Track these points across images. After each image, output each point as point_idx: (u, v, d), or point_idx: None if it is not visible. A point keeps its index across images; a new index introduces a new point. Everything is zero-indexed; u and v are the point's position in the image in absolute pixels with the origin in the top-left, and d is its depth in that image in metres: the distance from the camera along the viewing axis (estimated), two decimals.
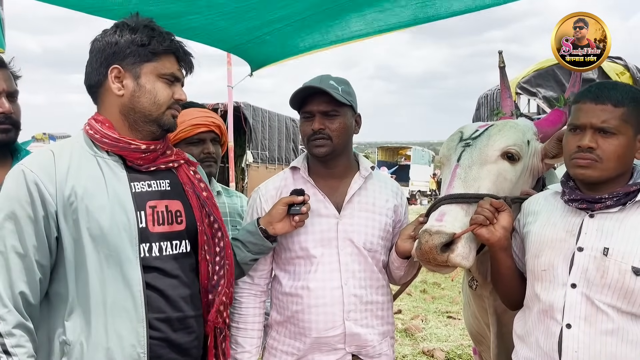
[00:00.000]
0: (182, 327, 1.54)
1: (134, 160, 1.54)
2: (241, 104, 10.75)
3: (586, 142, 1.47)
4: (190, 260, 1.61)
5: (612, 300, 1.44)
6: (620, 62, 8.42)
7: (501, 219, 1.61)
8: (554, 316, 1.51)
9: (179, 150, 1.70)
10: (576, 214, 1.55)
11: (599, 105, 1.48)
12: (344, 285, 1.82)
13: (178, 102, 1.60)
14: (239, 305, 1.90)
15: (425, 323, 5.63)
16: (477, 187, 1.74)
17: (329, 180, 1.91)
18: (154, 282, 1.50)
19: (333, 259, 1.83)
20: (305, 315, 1.82)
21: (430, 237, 1.59)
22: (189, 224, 1.60)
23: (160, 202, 1.55)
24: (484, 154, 1.80)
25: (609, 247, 1.45)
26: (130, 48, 1.52)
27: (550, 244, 1.56)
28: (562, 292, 1.50)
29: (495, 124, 1.90)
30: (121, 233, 1.46)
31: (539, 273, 1.57)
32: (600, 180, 1.50)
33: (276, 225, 1.80)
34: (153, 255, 1.52)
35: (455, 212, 1.66)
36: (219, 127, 2.19)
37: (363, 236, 1.85)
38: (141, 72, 1.54)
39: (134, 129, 1.56)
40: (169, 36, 1.58)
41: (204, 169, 2.09)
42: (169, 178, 1.61)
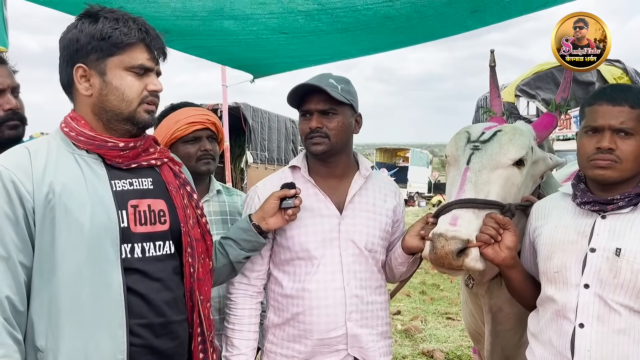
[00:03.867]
0: (165, 333, 1.46)
1: (113, 158, 1.46)
2: (241, 104, 10.75)
3: (606, 144, 1.48)
4: (174, 262, 1.52)
5: (624, 299, 1.45)
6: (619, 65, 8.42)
7: (505, 238, 1.61)
8: (567, 316, 1.51)
9: (163, 149, 1.62)
10: (588, 215, 1.56)
11: (616, 107, 1.49)
12: (345, 286, 1.80)
13: (153, 93, 1.49)
14: (235, 306, 1.87)
15: (425, 324, 5.63)
16: (487, 191, 1.73)
17: (329, 180, 1.89)
18: (135, 286, 1.42)
19: (335, 259, 1.81)
20: (307, 317, 1.79)
21: (447, 242, 1.59)
22: (173, 224, 1.52)
23: (142, 201, 1.47)
24: (496, 160, 1.78)
25: (622, 247, 1.46)
26: (92, 43, 1.41)
27: (562, 245, 1.56)
28: (575, 292, 1.51)
29: (504, 130, 1.87)
30: (101, 233, 1.37)
31: (552, 275, 1.57)
32: (619, 181, 1.51)
33: (269, 220, 1.75)
34: (135, 256, 1.43)
35: (468, 217, 1.66)
36: (215, 124, 2.15)
37: (365, 237, 1.84)
38: (106, 67, 1.42)
39: (109, 127, 1.47)
40: (135, 24, 1.45)
41: (202, 167, 2.07)
42: (151, 176, 1.53)
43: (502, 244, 1.61)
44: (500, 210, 1.70)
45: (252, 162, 11.19)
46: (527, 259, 1.77)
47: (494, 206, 1.70)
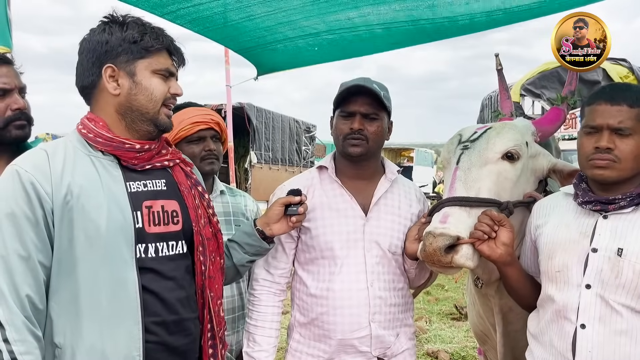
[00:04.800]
0: (178, 330, 1.50)
1: (129, 159, 1.50)
2: (245, 104, 10.75)
3: (604, 143, 1.48)
4: (186, 262, 1.57)
5: (626, 300, 1.45)
6: (624, 64, 8.39)
7: (501, 234, 1.61)
8: (568, 316, 1.51)
9: (175, 150, 1.66)
10: (589, 215, 1.55)
11: (614, 106, 1.49)
12: (369, 287, 1.80)
13: (174, 97, 1.57)
14: (258, 302, 1.89)
15: (430, 325, 5.62)
16: (477, 188, 1.74)
17: (356, 182, 1.90)
18: (150, 285, 1.46)
19: (359, 260, 1.82)
20: (330, 317, 1.80)
21: (435, 239, 1.60)
22: (185, 224, 1.56)
23: (156, 202, 1.51)
24: (484, 156, 1.80)
25: (623, 247, 1.45)
26: (122, 46, 1.48)
27: (564, 245, 1.56)
28: (576, 292, 1.50)
29: (494, 126, 1.89)
30: (117, 233, 1.42)
31: (553, 274, 1.57)
32: (618, 181, 1.50)
33: (273, 226, 1.77)
34: (149, 256, 1.47)
35: (458, 214, 1.66)
36: (219, 124, 2.17)
37: (389, 239, 1.85)
38: (136, 69, 1.50)
39: (131, 128, 1.52)
40: (161, 31, 1.54)
41: (206, 167, 2.08)
42: (164, 178, 1.57)
43: (498, 240, 1.61)
44: (498, 208, 1.70)
45: (256, 162, 11.19)
46: (528, 257, 1.77)
47: (489, 204, 1.70)
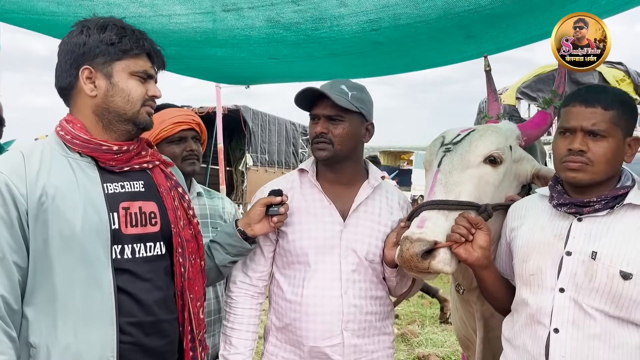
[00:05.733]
0: (154, 331, 1.50)
1: (106, 161, 1.51)
2: (241, 107, 10.75)
3: (577, 145, 1.46)
4: (165, 263, 1.57)
5: (600, 304, 1.43)
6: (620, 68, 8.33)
7: (478, 237, 1.59)
8: (541, 320, 1.49)
9: (155, 151, 1.66)
10: (564, 217, 1.53)
11: (589, 109, 1.47)
12: (343, 294, 1.77)
13: (153, 99, 1.57)
14: (235, 305, 1.87)
15: (422, 328, 5.59)
16: (458, 192, 1.72)
17: (336, 186, 1.87)
18: (126, 286, 1.46)
19: (334, 267, 1.79)
20: (303, 323, 1.78)
21: (412, 244, 1.57)
22: (163, 225, 1.56)
23: (133, 204, 1.52)
24: (466, 159, 1.78)
25: (597, 251, 1.44)
26: (100, 47, 1.48)
27: (539, 248, 1.54)
28: (550, 296, 1.48)
29: (477, 129, 1.87)
30: (93, 234, 1.43)
31: (527, 277, 1.55)
32: (591, 183, 1.48)
33: (254, 226, 1.77)
34: (125, 257, 1.48)
35: (435, 219, 1.64)
36: (199, 125, 2.16)
37: (366, 246, 1.81)
38: (113, 70, 1.50)
39: (109, 129, 1.53)
40: (141, 35, 1.54)
41: (188, 167, 2.08)
42: (143, 179, 1.57)
43: (475, 243, 1.59)
44: (476, 211, 1.68)
45: (252, 165, 11.18)
46: (503, 260, 1.75)
47: (467, 207, 1.68)
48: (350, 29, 2.19)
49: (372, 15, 2.04)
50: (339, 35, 2.27)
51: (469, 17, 2.05)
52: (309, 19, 2.09)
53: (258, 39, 2.34)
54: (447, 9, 1.98)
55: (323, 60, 2.68)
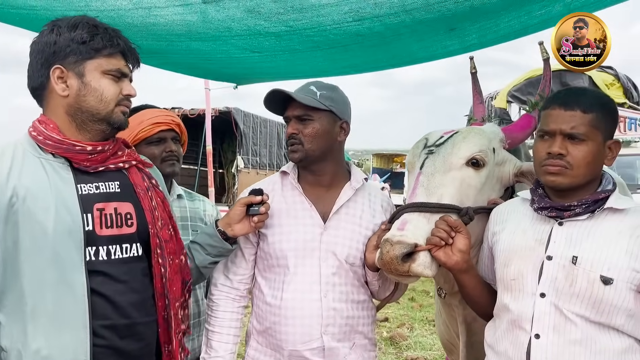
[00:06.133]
0: (129, 334, 1.48)
1: (80, 162, 1.48)
2: (232, 109, 10.72)
3: (556, 149, 1.44)
4: (142, 264, 1.54)
5: (580, 309, 1.41)
6: (610, 72, 8.43)
7: (457, 241, 1.56)
8: (522, 326, 1.47)
9: (132, 151, 1.63)
10: (545, 221, 1.52)
11: (568, 112, 1.45)
12: (323, 297, 1.75)
13: (128, 98, 1.55)
14: (216, 308, 1.85)
15: (411, 331, 5.58)
16: (439, 194, 1.70)
17: (317, 189, 1.86)
18: (100, 288, 1.44)
19: (314, 270, 1.77)
20: (282, 327, 1.76)
21: (392, 246, 1.55)
22: (140, 226, 1.54)
23: (108, 204, 1.49)
24: (448, 161, 1.76)
25: (578, 255, 1.42)
26: (71, 46, 1.46)
27: (520, 252, 1.52)
28: (531, 301, 1.47)
29: (460, 131, 1.86)
30: (65, 236, 1.40)
31: (508, 282, 1.53)
32: (571, 187, 1.47)
33: (235, 226, 1.74)
34: (100, 259, 1.46)
35: (416, 221, 1.62)
36: (179, 125, 2.14)
37: (347, 249, 1.79)
38: (85, 70, 1.48)
39: (83, 129, 1.50)
40: (114, 33, 1.52)
41: (167, 168, 2.05)
42: (119, 179, 1.55)
43: (455, 247, 1.56)
44: (457, 214, 1.66)
45: (243, 167, 11.13)
46: (485, 264, 1.73)
47: (449, 210, 1.67)
48: (332, 19, 2.18)
49: (353, 5, 2.02)
50: (321, 27, 2.26)
51: (450, 9, 2.04)
52: (289, 9, 2.08)
53: (239, 30, 2.32)
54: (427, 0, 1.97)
55: (306, 53, 2.66)
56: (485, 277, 1.72)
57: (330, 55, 2.71)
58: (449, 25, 2.32)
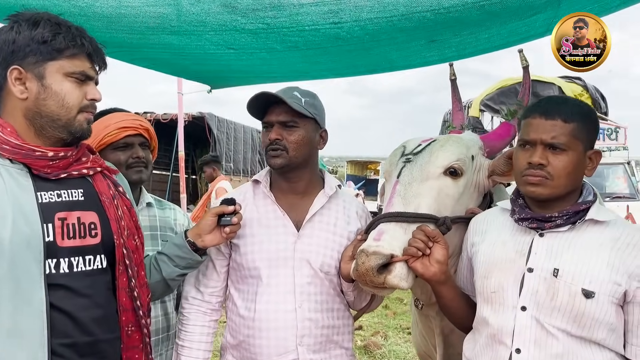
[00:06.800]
0: (91, 352, 1.39)
1: (40, 168, 1.39)
2: (205, 114, 10.60)
3: (536, 159, 1.42)
4: (106, 277, 1.46)
5: (562, 323, 1.38)
6: (579, 83, 8.65)
7: (435, 251, 1.53)
8: (503, 340, 1.44)
9: (97, 157, 1.55)
10: (526, 232, 1.49)
11: (549, 121, 1.43)
12: (297, 308, 1.71)
13: (92, 103, 1.46)
14: (187, 321, 1.79)
15: (385, 340, 5.54)
16: (417, 204, 1.67)
17: (290, 196, 1.82)
18: (60, 303, 1.34)
19: (288, 279, 1.73)
20: (256, 339, 1.71)
21: (367, 257, 1.51)
22: (105, 237, 1.45)
23: (71, 214, 1.40)
24: (425, 170, 1.73)
25: (559, 267, 1.40)
26: (31, 46, 1.37)
27: (500, 264, 1.49)
28: (511, 315, 1.43)
29: (438, 139, 1.83)
30: (23, 247, 1.30)
31: (488, 295, 1.50)
32: (551, 198, 1.44)
33: (205, 237, 1.67)
34: (61, 272, 1.36)
35: (393, 231, 1.59)
36: (148, 130, 2.04)
37: (321, 257, 1.75)
38: (45, 71, 1.38)
39: (41, 135, 1.41)
40: (78, 32, 1.43)
41: (133, 175, 1.95)
42: (82, 187, 1.46)
43: (432, 257, 1.53)
44: (435, 224, 1.63)
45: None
46: (464, 275, 1.70)
47: (426, 219, 1.64)
48: (310, 19, 2.13)
49: (333, 6, 1.99)
50: (299, 26, 2.21)
51: (431, 20, 2.03)
52: (267, 6, 2.03)
53: (214, 25, 2.25)
54: (409, 7, 1.95)
55: (283, 53, 2.60)
56: (464, 289, 1.69)
57: (309, 57, 2.67)
58: (430, 37, 2.30)
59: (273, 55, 2.69)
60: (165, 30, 2.34)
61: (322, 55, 2.66)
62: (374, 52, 2.59)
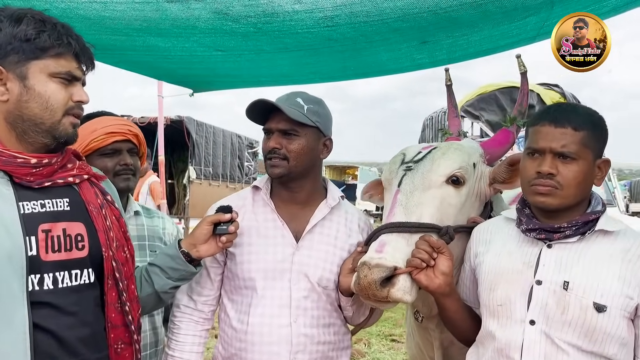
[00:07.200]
0: None
1: (22, 176, 1.29)
2: (184, 118, 10.46)
3: (546, 168, 1.38)
4: (94, 293, 1.37)
5: (572, 338, 1.34)
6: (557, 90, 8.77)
7: (440, 263, 1.48)
8: (510, 355, 1.39)
9: (84, 164, 1.46)
10: (533, 243, 1.45)
11: (558, 129, 1.39)
12: (293, 323, 1.65)
13: (79, 105, 1.36)
14: (177, 331, 1.72)
15: (369, 347, 5.49)
16: (419, 214, 1.62)
17: (291, 206, 1.75)
18: (45, 322, 1.25)
19: (284, 293, 1.66)
20: (248, 354, 1.65)
21: (370, 270, 1.46)
22: (93, 249, 1.36)
23: (56, 225, 1.31)
24: (427, 179, 1.69)
25: (569, 280, 1.35)
26: (13, 44, 1.27)
27: (507, 276, 1.44)
28: (520, 329, 1.39)
29: (439, 147, 1.79)
30: (4, 262, 1.21)
31: (495, 308, 1.45)
32: (561, 208, 1.40)
33: (200, 247, 1.59)
34: (45, 288, 1.27)
35: (395, 242, 1.53)
36: (137, 136, 1.95)
37: (320, 271, 1.69)
38: (28, 71, 1.29)
39: (23, 140, 1.32)
40: (64, 30, 1.33)
41: (121, 183, 1.86)
42: (68, 196, 1.36)
43: (437, 269, 1.48)
44: (437, 234, 1.59)
45: (195, 178, 10.83)
46: (467, 286, 1.65)
47: (428, 229, 1.59)
48: (304, 24, 2.11)
49: (328, 12, 1.97)
50: (292, 30, 2.18)
51: (427, 19, 2.00)
52: (260, 14, 1.99)
53: (204, 29, 2.20)
54: (406, 10, 1.92)
55: (272, 55, 2.56)
56: (466, 300, 1.64)
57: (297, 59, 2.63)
58: (422, 38, 2.28)
59: (261, 57, 2.64)
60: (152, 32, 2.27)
61: (311, 56, 2.62)
62: (365, 53, 2.56)
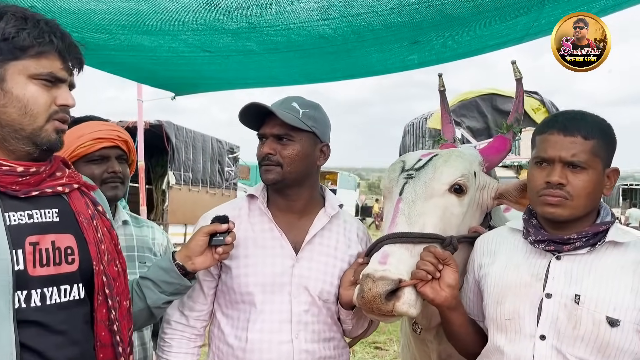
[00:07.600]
0: None
1: (8, 185, 1.20)
2: (164, 122, 10.28)
3: (556, 178, 1.34)
4: (84, 309, 1.29)
5: (585, 354, 1.30)
6: (536, 97, 8.92)
7: (446, 275, 1.43)
8: None
9: (73, 172, 1.37)
10: (541, 255, 1.41)
11: (568, 137, 1.36)
12: (294, 339, 1.59)
13: (64, 109, 1.27)
14: (168, 348, 1.64)
15: (353, 355, 5.44)
16: (422, 223, 1.57)
17: (289, 215, 1.70)
18: (32, 342, 1.17)
19: (284, 307, 1.60)
20: None
21: (374, 283, 1.40)
22: (83, 263, 1.28)
23: (44, 237, 1.22)
24: (430, 187, 1.64)
25: (581, 293, 1.31)
26: None
27: (515, 289, 1.40)
28: (529, 344, 1.34)
29: (440, 154, 1.75)
30: None
31: (502, 322, 1.40)
32: (570, 219, 1.37)
33: (196, 259, 1.52)
34: (32, 305, 1.18)
35: (399, 254, 1.48)
36: (126, 142, 1.87)
37: (320, 284, 1.63)
38: (6, 73, 1.20)
39: (4, 147, 1.23)
40: (48, 27, 1.24)
41: (108, 191, 1.77)
42: (57, 206, 1.28)
43: (442, 281, 1.42)
44: (440, 244, 1.54)
45: (175, 183, 10.65)
46: (470, 299, 1.60)
47: (431, 240, 1.54)
48: (298, 17, 2.03)
49: (323, 2, 1.90)
50: (284, 25, 2.11)
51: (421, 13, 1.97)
52: (253, 4, 1.91)
53: (194, 25, 2.11)
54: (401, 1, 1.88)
55: (261, 56, 2.49)
56: (470, 313, 1.59)
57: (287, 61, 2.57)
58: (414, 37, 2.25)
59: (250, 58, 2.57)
60: (138, 30, 2.17)
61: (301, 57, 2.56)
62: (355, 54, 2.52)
